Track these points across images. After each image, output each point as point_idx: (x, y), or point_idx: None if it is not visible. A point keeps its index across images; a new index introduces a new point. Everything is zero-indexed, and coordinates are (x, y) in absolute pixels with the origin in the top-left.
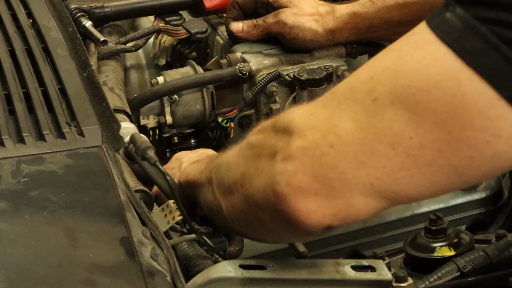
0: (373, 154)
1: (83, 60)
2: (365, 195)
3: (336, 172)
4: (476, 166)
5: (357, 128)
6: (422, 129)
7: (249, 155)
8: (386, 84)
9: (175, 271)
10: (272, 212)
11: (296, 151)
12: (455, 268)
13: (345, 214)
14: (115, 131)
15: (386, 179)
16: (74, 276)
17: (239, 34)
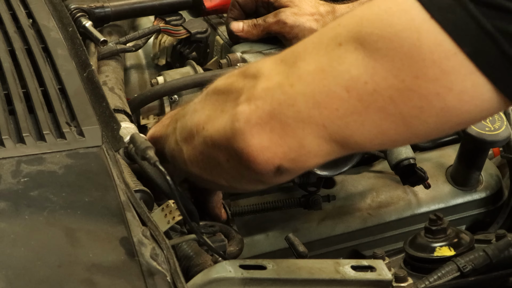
0: (329, 95)
1: (83, 60)
2: (317, 136)
3: (293, 111)
4: (424, 117)
5: (317, 70)
6: (378, 75)
7: (216, 99)
8: (351, 30)
9: (175, 271)
10: (228, 151)
11: (260, 91)
12: (455, 268)
13: (295, 154)
14: (115, 131)
15: (338, 121)
16: (74, 276)
17: (239, 33)
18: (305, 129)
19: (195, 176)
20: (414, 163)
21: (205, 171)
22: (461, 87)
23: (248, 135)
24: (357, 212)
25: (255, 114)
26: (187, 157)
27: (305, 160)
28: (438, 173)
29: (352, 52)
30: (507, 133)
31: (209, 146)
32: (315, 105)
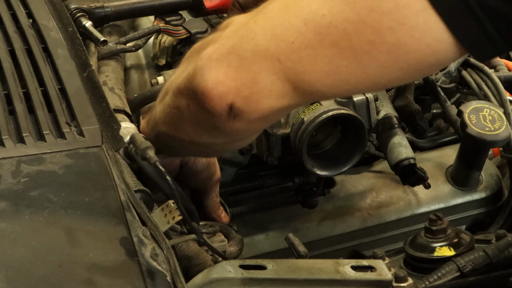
0: (287, 28)
1: (83, 60)
2: (271, 71)
3: (252, 44)
4: (376, 53)
5: (281, 6)
6: (335, 8)
7: (189, 56)
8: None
9: (175, 271)
10: (188, 93)
11: (226, 33)
12: (455, 268)
13: (248, 91)
14: (115, 131)
15: (292, 55)
16: (74, 276)
17: None
18: (260, 63)
19: (163, 136)
20: (414, 163)
21: (170, 126)
22: (413, 22)
23: (206, 70)
24: (357, 212)
25: (217, 51)
26: (158, 116)
27: (257, 99)
28: (438, 173)
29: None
30: (507, 133)
31: (175, 95)
32: (273, 38)
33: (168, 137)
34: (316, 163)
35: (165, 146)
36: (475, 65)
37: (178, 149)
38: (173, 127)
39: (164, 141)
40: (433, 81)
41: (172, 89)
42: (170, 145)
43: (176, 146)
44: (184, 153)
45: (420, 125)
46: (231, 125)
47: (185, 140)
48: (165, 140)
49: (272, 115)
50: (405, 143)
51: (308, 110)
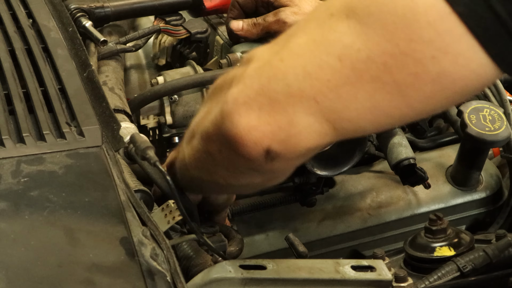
0: (320, 66)
1: (83, 60)
2: (307, 112)
3: (282, 85)
4: (420, 85)
5: (309, 41)
6: (371, 41)
7: (213, 94)
8: (343, 0)
9: (175, 271)
10: (219, 139)
11: (249, 71)
12: (455, 268)
13: (285, 134)
14: (115, 131)
15: (330, 94)
16: (74, 276)
17: (239, 32)
18: (296, 104)
19: (197, 181)
20: (414, 163)
21: (203, 171)
22: (456, 49)
23: (236, 115)
24: (357, 212)
25: (243, 93)
26: (188, 160)
27: (295, 142)
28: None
29: (343, 20)
30: (507, 133)
31: (203, 139)
32: (306, 77)
33: (202, 181)
34: (316, 163)
35: (200, 189)
36: None
37: (215, 191)
38: (206, 172)
39: (198, 185)
40: None
41: (199, 133)
42: (205, 189)
43: (212, 189)
44: (221, 193)
45: (420, 125)
46: (270, 166)
47: (221, 183)
48: (199, 184)
49: (312, 152)
50: (405, 143)
51: None
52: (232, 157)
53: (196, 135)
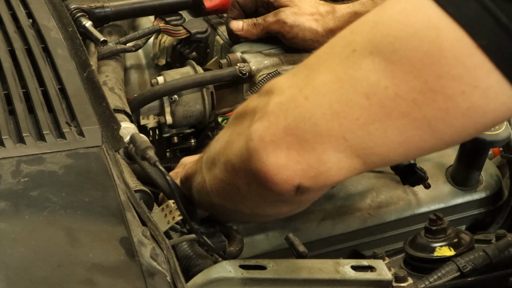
0: (348, 104)
1: (83, 60)
2: (337, 150)
3: (310, 124)
4: (451, 119)
5: (333, 79)
6: (398, 78)
7: (234, 123)
8: (365, 35)
9: (175, 271)
10: (246, 174)
11: (272, 107)
12: (455, 268)
13: (315, 172)
14: (115, 131)
15: (359, 131)
16: (74, 276)
17: (239, 32)
18: (324, 143)
19: (218, 207)
20: (414, 163)
21: (227, 200)
22: (486, 83)
23: (264, 154)
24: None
25: (269, 131)
26: (209, 187)
27: (326, 178)
28: (438, 173)
29: (367, 56)
30: (507, 133)
31: (228, 171)
32: (334, 116)
33: (225, 209)
34: None
35: (221, 214)
36: None
37: (238, 218)
38: (230, 201)
39: (220, 211)
40: None
41: (222, 163)
42: (227, 215)
43: (235, 217)
44: (244, 220)
45: None
46: (299, 198)
47: (247, 213)
48: (221, 211)
49: (341, 182)
50: None
51: None
52: (261, 191)
53: (218, 164)
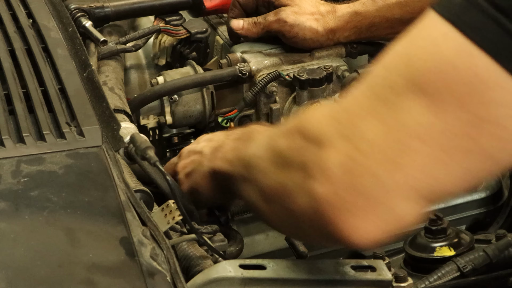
0: (405, 152)
1: (83, 60)
2: (407, 199)
3: (375, 181)
4: (507, 144)
5: (384, 128)
6: (449, 116)
7: (281, 163)
8: (403, 75)
9: (175, 271)
10: (318, 229)
11: (330, 166)
12: (455, 268)
13: (392, 226)
14: (115, 131)
15: (424, 177)
16: (74, 276)
17: (239, 31)
18: (395, 197)
19: (279, 231)
20: None
21: (293, 235)
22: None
23: (337, 220)
24: None
25: (336, 195)
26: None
27: (401, 226)
28: None
29: (413, 99)
30: None
31: (293, 218)
32: (396, 168)
33: (287, 234)
34: None
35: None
36: None
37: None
38: (296, 235)
39: (277, 230)
40: None
41: (282, 206)
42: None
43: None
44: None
45: None
46: (375, 246)
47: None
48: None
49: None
50: None
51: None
52: (336, 242)
53: (276, 204)
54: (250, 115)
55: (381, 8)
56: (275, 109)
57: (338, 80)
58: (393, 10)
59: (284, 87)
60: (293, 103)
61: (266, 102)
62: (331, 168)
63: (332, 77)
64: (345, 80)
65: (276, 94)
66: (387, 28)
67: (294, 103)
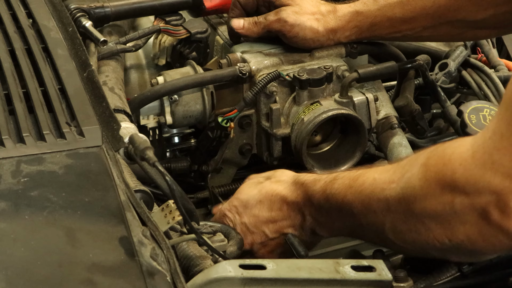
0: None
1: (83, 60)
2: None
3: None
4: None
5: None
6: None
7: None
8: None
9: (175, 271)
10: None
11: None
12: (455, 268)
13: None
14: (115, 131)
15: None
16: (74, 276)
17: (239, 30)
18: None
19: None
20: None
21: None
22: None
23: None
24: None
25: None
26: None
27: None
28: None
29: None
30: None
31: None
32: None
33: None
34: (316, 163)
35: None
36: (475, 65)
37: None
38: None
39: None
40: (433, 81)
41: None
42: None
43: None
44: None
45: (420, 125)
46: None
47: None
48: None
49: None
50: (405, 143)
51: (308, 110)
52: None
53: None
54: (250, 115)
55: (383, 7)
56: (275, 109)
57: (338, 80)
58: (394, 9)
59: (284, 87)
60: (293, 103)
61: (266, 102)
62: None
63: (332, 77)
64: (345, 80)
65: (276, 94)
66: (389, 27)
67: (294, 103)
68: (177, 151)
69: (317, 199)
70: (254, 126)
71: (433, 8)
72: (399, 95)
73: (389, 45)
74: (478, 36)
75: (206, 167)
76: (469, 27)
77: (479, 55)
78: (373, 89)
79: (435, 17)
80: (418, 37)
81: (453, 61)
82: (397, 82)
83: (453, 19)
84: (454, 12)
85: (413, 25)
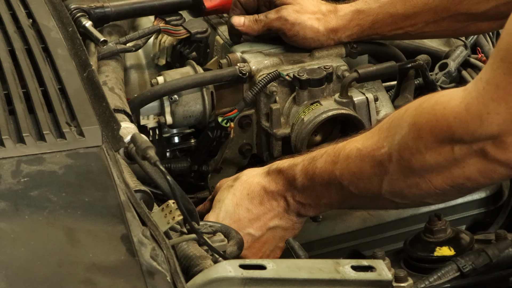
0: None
1: (83, 60)
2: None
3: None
4: None
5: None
6: None
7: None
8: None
9: (175, 271)
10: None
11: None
12: (455, 268)
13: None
14: (115, 131)
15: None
16: (74, 276)
17: (240, 27)
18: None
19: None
20: None
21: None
22: None
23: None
24: (357, 212)
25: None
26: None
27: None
28: None
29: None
30: None
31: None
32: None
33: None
34: None
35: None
36: (475, 65)
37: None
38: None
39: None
40: (433, 81)
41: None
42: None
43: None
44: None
45: None
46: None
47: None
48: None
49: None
50: None
51: (308, 110)
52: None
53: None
54: (250, 115)
55: (384, 4)
56: (275, 109)
57: (338, 80)
58: (396, 5)
59: (284, 87)
60: (293, 103)
61: (266, 102)
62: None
63: (332, 77)
64: (345, 80)
65: (276, 94)
66: (390, 24)
67: (294, 103)
68: (177, 151)
69: (300, 181)
70: (254, 126)
71: (435, 2)
72: (399, 95)
73: (389, 45)
74: (480, 29)
75: (206, 167)
76: (471, 20)
77: (479, 55)
78: (373, 89)
79: (438, 11)
80: (420, 33)
81: (453, 61)
82: (397, 82)
83: (456, 12)
84: (457, 5)
85: (415, 20)
